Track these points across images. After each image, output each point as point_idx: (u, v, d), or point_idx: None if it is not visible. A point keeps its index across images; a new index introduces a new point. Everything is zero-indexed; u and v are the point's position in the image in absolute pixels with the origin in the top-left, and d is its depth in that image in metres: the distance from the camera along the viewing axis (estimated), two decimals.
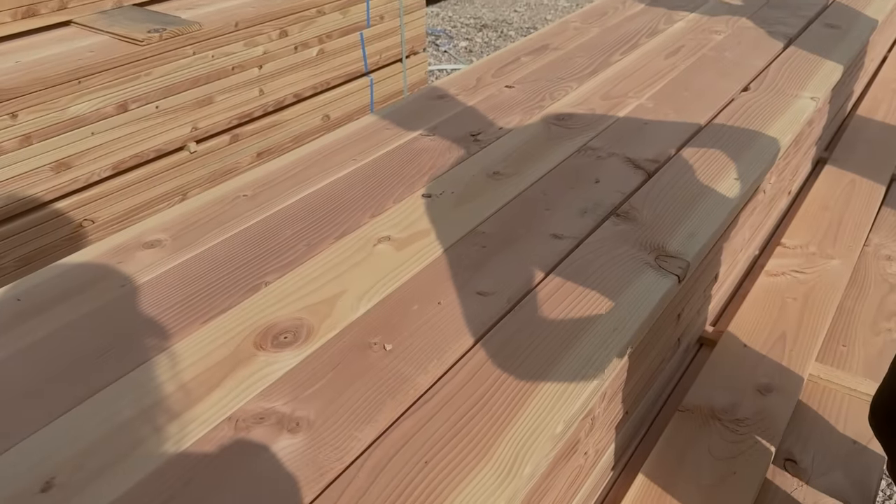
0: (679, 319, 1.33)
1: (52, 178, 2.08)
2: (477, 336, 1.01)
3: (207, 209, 1.32)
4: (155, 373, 0.93)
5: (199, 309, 1.06)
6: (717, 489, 1.14)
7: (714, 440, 1.23)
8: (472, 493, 0.77)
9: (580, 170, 1.46)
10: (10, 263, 2.05)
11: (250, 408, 0.88)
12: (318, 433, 0.84)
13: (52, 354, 0.96)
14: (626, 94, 1.81)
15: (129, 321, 1.03)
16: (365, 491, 0.77)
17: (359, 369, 0.94)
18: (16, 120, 1.95)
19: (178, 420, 0.86)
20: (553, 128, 1.64)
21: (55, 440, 0.83)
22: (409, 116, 1.69)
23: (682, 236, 1.23)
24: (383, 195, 1.36)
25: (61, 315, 1.04)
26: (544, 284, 1.12)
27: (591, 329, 1.02)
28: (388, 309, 1.06)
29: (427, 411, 0.88)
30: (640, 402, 1.28)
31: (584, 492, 1.11)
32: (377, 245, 1.21)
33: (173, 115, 2.37)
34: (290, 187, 1.39)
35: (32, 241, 2.08)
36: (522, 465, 0.80)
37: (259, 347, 0.98)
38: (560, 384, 0.92)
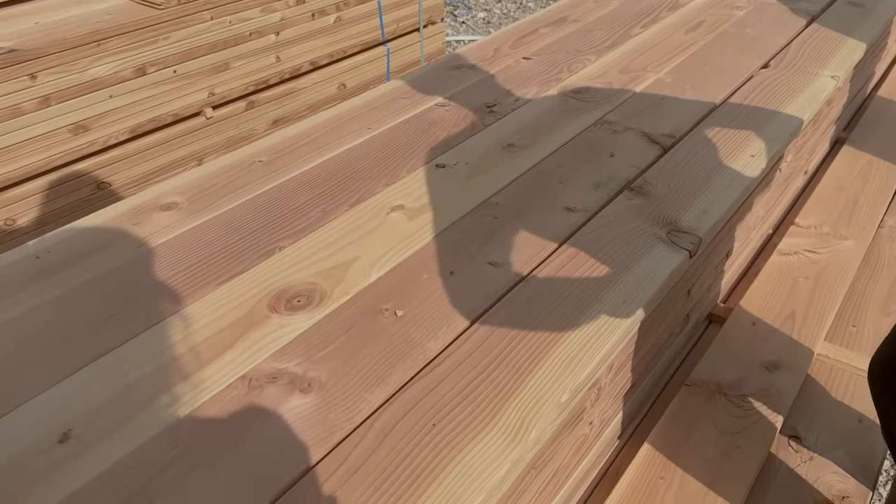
0: (689, 295, 1.33)
1: (69, 140, 2.10)
2: (487, 305, 1.02)
3: (223, 173, 1.33)
4: (171, 331, 0.95)
5: (214, 271, 1.07)
6: (721, 462, 1.16)
7: (719, 414, 1.24)
8: (478, 455, 0.79)
9: (595, 143, 1.46)
10: (29, 224, 2.07)
11: (263, 368, 0.90)
12: (329, 394, 0.86)
13: (70, 311, 0.98)
14: (645, 69, 1.79)
15: (145, 281, 1.05)
16: (373, 450, 0.79)
17: (370, 334, 0.96)
18: (35, 81, 1.96)
19: (192, 377, 0.88)
20: (569, 100, 1.64)
21: (73, 394, 0.85)
22: (425, 86, 1.69)
23: (696, 212, 1.23)
24: (397, 164, 1.37)
25: (79, 273, 1.06)
26: (555, 256, 1.12)
27: (601, 301, 1.02)
28: (399, 276, 1.07)
29: (436, 376, 0.89)
30: (648, 375, 1.29)
31: (588, 459, 1.13)
32: (390, 213, 1.21)
33: (190, 80, 2.38)
34: (305, 154, 1.40)
35: (50, 202, 2.11)
36: (528, 431, 0.82)
37: (273, 310, 1.00)
38: (567, 354, 0.93)
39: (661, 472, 1.14)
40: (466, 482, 0.76)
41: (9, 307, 0.99)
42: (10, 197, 2.02)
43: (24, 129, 1.98)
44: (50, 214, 2.11)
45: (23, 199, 2.05)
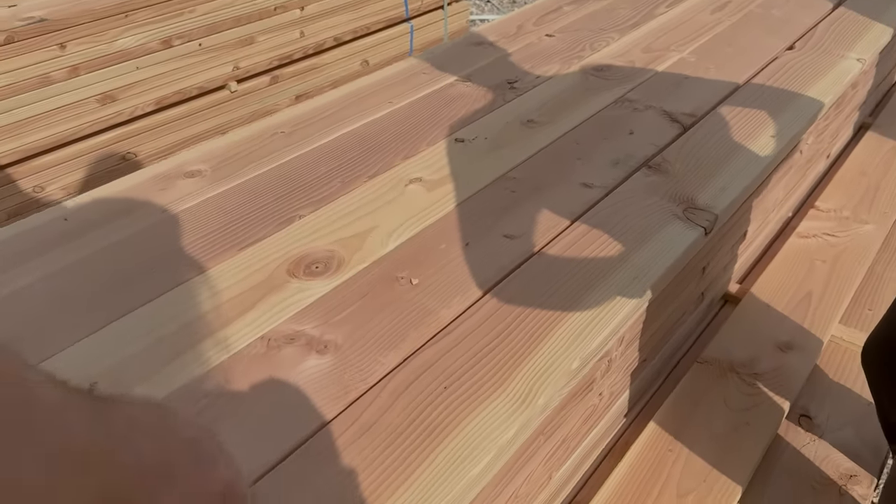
0: (704, 273, 1.34)
1: (97, 109, 2.13)
2: (501, 276, 1.03)
3: (246, 143, 1.36)
4: (194, 292, 0.98)
5: (236, 236, 1.10)
6: (729, 438, 1.17)
7: (730, 392, 1.25)
8: (487, 417, 0.81)
9: (615, 121, 1.47)
10: (56, 191, 2.12)
11: (282, 329, 0.92)
12: (344, 355, 0.89)
13: (96, 271, 1.01)
14: (668, 48, 1.79)
15: (169, 244, 1.07)
16: (386, 409, 0.81)
17: (385, 300, 0.98)
18: (64, 51, 1.99)
19: (214, 336, 0.90)
20: (591, 78, 1.64)
21: (98, 349, 0.88)
22: (446, 62, 1.70)
23: (713, 190, 1.24)
24: (417, 138, 1.38)
25: (106, 235, 1.09)
26: (570, 230, 1.14)
27: (614, 274, 1.04)
28: (416, 246, 1.09)
29: (448, 342, 0.91)
30: (660, 352, 1.31)
31: (597, 431, 1.15)
32: (409, 185, 1.23)
33: (216, 54, 2.40)
34: (326, 126, 1.42)
35: (78, 170, 2.15)
36: (536, 397, 0.84)
37: (292, 275, 1.02)
38: (579, 324, 0.94)
39: (670, 445, 1.16)
40: (476, 441, 0.78)
41: (37, 267, 1.02)
42: (40, 164, 2.06)
43: (53, 98, 2.02)
44: (77, 182, 2.16)
45: (51, 166, 2.09)
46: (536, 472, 0.98)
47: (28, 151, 2.03)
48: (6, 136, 1.97)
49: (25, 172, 2.05)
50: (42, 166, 2.07)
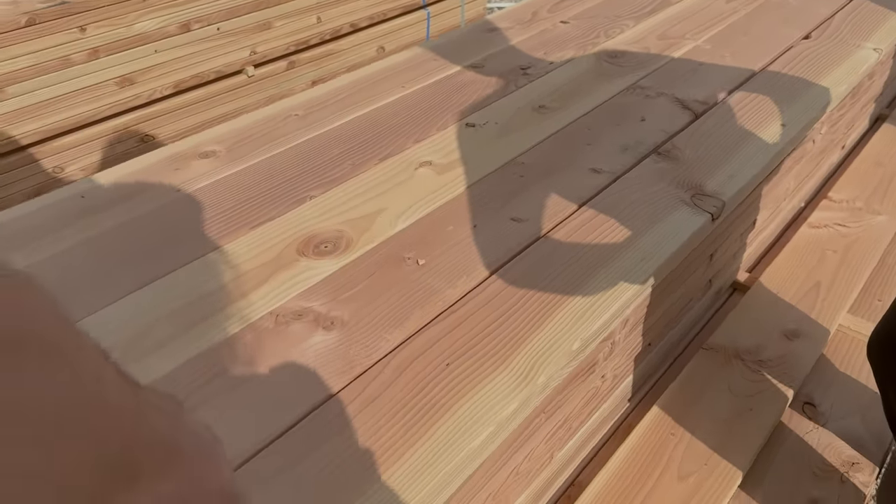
0: (711, 260, 1.35)
1: (116, 92, 2.17)
2: (507, 258, 1.05)
3: (260, 125, 1.38)
4: (206, 268, 1.00)
5: (247, 215, 1.12)
6: (732, 423, 1.18)
7: (734, 378, 1.26)
8: (488, 394, 0.82)
9: (627, 107, 1.47)
10: (76, 172, 2.16)
11: (290, 305, 0.94)
12: (350, 332, 0.91)
13: (112, 246, 1.04)
14: (684, 36, 1.78)
15: (183, 222, 1.10)
16: (389, 384, 0.83)
17: (392, 280, 1.00)
18: (84, 33, 2.02)
19: (225, 310, 0.93)
20: (604, 65, 1.64)
21: (113, 320, 0.91)
22: (460, 48, 1.71)
23: (722, 177, 1.24)
24: (428, 122, 1.40)
25: (122, 213, 1.11)
26: (577, 214, 1.15)
27: (619, 258, 1.05)
28: (424, 228, 1.10)
29: (453, 321, 0.93)
30: (665, 338, 1.32)
31: (600, 413, 1.16)
32: (419, 168, 1.25)
33: (233, 38, 2.43)
34: (338, 110, 1.43)
35: (97, 151, 2.19)
36: (537, 375, 0.85)
37: (301, 254, 1.04)
38: (582, 306, 0.96)
39: (672, 429, 1.17)
40: (477, 415, 0.80)
41: (54, 242, 1.05)
42: (60, 145, 2.10)
43: (73, 80, 2.05)
44: (96, 164, 2.19)
45: (71, 147, 2.13)
46: (538, 450, 1.00)
47: (49, 132, 2.07)
48: (28, 117, 2.01)
49: (46, 153, 2.08)
50: (62, 147, 2.11)
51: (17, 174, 2.04)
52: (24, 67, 1.96)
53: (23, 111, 2.00)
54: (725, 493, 1.08)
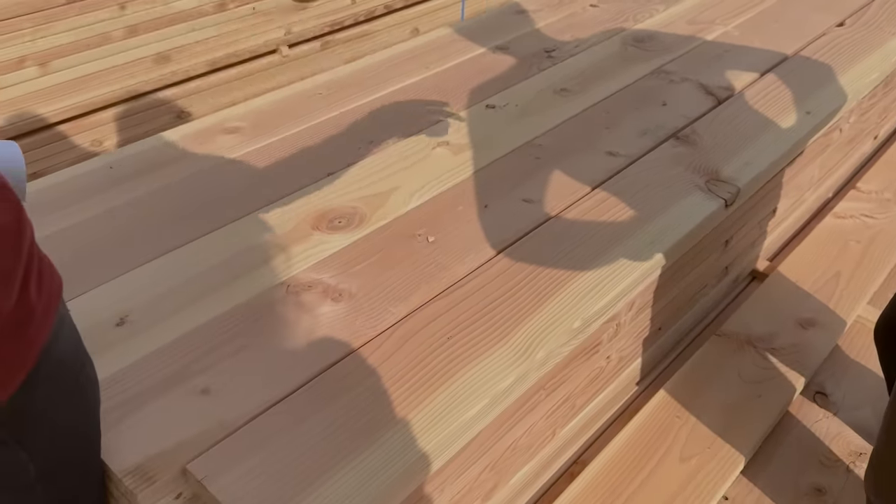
0: (727, 247, 1.34)
1: (153, 69, 2.22)
2: (516, 237, 1.06)
3: (285, 103, 1.41)
4: (224, 238, 1.04)
5: (267, 190, 1.16)
6: (739, 408, 1.19)
7: (745, 364, 1.26)
8: (487, 367, 0.85)
9: (649, 92, 1.47)
10: (112, 146, 2.22)
11: (301, 277, 0.98)
12: (357, 304, 0.93)
13: (136, 215, 1.09)
14: (713, 21, 1.77)
15: (204, 194, 1.14)
16: (391, 354, 0.86)
17: (401, 255, 1.02)
18: (124, 11, 2.08)
19: (240, 279, 0.96)
20: (630, 49, 1.64)
21: (133, 285, 0.95)
22: (486, 30, 1.72)
23: (738, 163, 1.24)
24: (449, 103, 1.41)
25: (147, 184, 1.16)
26: (590, 196, 1.16)
27: (628, 240, 1.06)
28: (436, 206, 1.13)
29: (457, 296, 0.95)
30: (677, 323, 1.32)
31: (605, 394, 1.18)
32: (436, 148, 1.27)
33: (269, 18, 2.46)
34: (362, 89, 1.46)
35: (133, 127, 2.25)
36: (536, 351, 0.87)
37: (315, 228, 1.07)
38: (586, 285, 0.97)
39: (678, 412, 1.18)
40: (473, 387, 0.82)
41: (82, 210, 1.10)
42: (97, 120, 2.16)
43: (112, 57, 2.11)
44: (132, 139, 2.25)
45: (108, 122, 2.19)
46: (538, 426, 1.02)
47: (87, 107, 2.13)
48: (67, 92, 2.07)
49: (84, 127, 2.15)
50: (99, 122, 2.17)
51: (58, 146, 2.11)
52: (66, 43, 2.02)
53: (64, 86, 2.06)
54: (727, 477, 1.09)
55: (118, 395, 0.79)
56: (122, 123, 2.21)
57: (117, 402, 0.78)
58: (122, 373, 0.82)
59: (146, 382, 0.81)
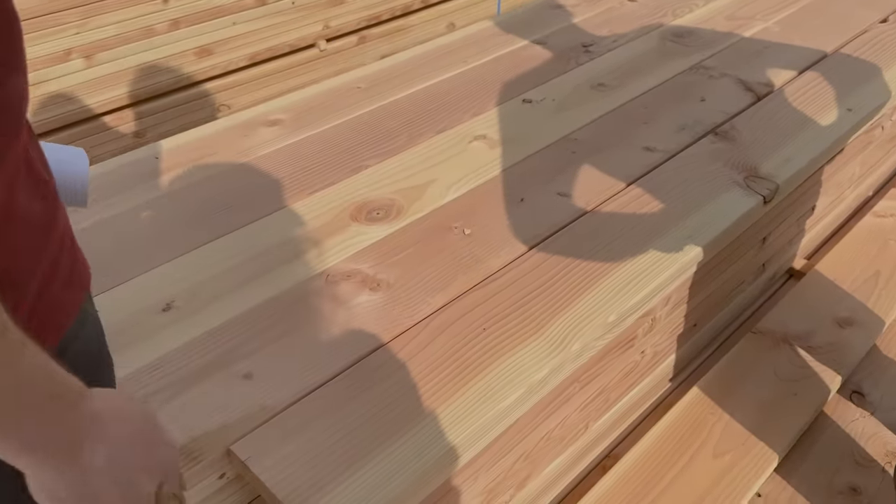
0: (764, 244, 1.34)
1: (194, 62, 2.26)
2: (551, 231, 1.07)
3: (325, 96, 1.43)
4: (266, 229, 1.07)
5: (307, 181, 1.18)
6: (774, 406, 1.18)
7: (781, 362, 1.25)
8: (522, 358, 0.86)
9: (688, 87, 1.46)
10: (155, 137, 2.27)
11: (340, 267, 1.00)
12: (394, 294, 0.95)
13: (180, 205, 1.12)
14: (754, 17, 1.75)
15: (247, 185, 1.17)
16: (427, 344, 0.88)
17: (438, 247, 1.04)
18: (167, 5, 2.12)
19: (280, 268, 0.99)
20: (669, 44, 1.63)
21: (177, 273, 0.98)
22: (524, 24, 1.72)
23: (778, 160, 1.23)
24: (485, 97, 1.42)
25: (190, 174, 1.19)
26: (627, 191, 1.16)
27: (664, 236, 1.06)
28: (472, 199, 1.14)
29: (493, 288, 0.96)
30: (712, 319, 1.32)
31: (639, 389, 1.18)
32: (472, 142, 1.28)
33: (307, 12, 2.49)
34: (400, 83, 1.48)
35: (174, 119, 2.29)
36: (571, 343, 0.88)
37: (354, 219, 1.09)
38: (622, 280, 0.98)
39: (712, 409, 1.18)
40: (509, 377, 0.83)
41: (128, 199, 1.13)
42: (140, 111, 2.21)
43: (155, 49, 2.16)
44: (174, 130, 2.30)
45: (150, 114, 2.24)
46: (572, 418, 1.03)
47: (130, 99, 2.18)
48: (112, 84, 2.13)
49: (127, 118, 2.20)
50: (143, 113, 2.22)
51: (103, 136, 2.17)
52: (112, 36, 2.07)
53: (109, 78, 2.11)
54: (760, 474, 1.09)
55: (165, 377, 0.82)
56: (163, 115, 2.26)
57: (164, 384, 0.81)
58: (169, 356, 0.84)
59: (191, 366, 0.83)
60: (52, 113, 2.06)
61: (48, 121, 2.05)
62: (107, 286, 0.95)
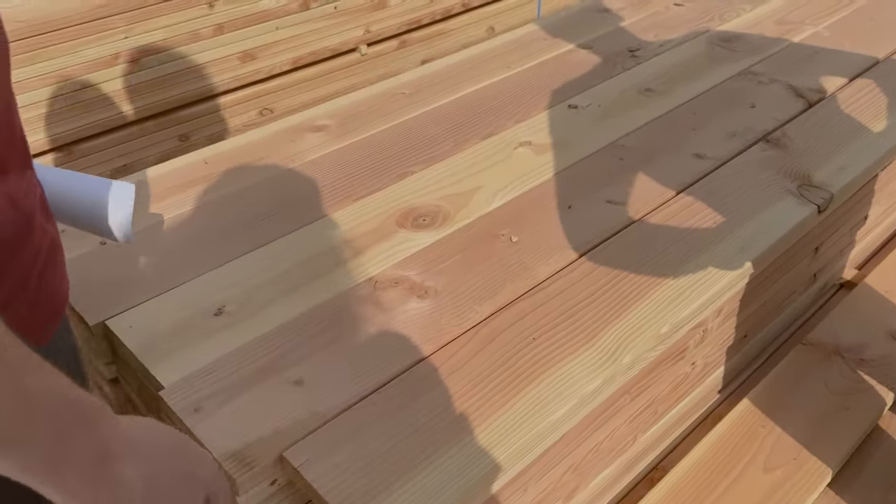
0: (816, 254, 1.31)
1: (238, 67, 2.29)
2: (600, 239, 1.06)
3: (369, 102, 1.44)
4: (313, 234, 1.07)
5: (353, 187, 1.18)
6: (826, 421, 1.15)
7: (832, 375, 1.22)
8: (572, 369, 0.85)
9: (737, 93, 1.44)
10: (200, 141, 2.30)
11: (388, 273, 1.00)
12: (442, 301, 0.95)
13: (230, 209, 1.13)
14: (803, 21, 1.71)
15: (295, 190, 1.17)
16: (476, 353, 0.87)
17: (485, 254, 1.03)
18: (212, 9, 2.15)
19: (328, 274, 0.99)
20: (717, 49, 1.61)
21: (228, 278, 0.99)
22: (568, 28, 1.71)
23: (832, 168, 1.20)
24: (530, 103, 1.41)
25: (240, 179, 1.20)
26: (677, 199, 1.14)
27: (717, 245, 1.04)
28: (519, 206, 1.13)
29: (542, 297, 0.96)
30: (763, 330, 1.29)
31: (688, 401, 1.16)
32: (518, 148, 1.27)
33: (350, 17, 2.50)
34: (444, 89, 1.47)
35: (218, 122, 2.32)
36: (623, 355, 0.87)
37: (400, 226, 1.09)
38: (674, 290, 0.96)
39: (762, 422, 1.15)
40: (559, 389, 0.82)
41: (180, 202, 1.15)
42: (185, 115, 2.25)
43: (201, 54, 2.19)
44: (217, 134, 2.33)
45: (195, 118, 2.27)
46: (620, 430, 1.01)
47: (176, 102, 2.21)
48: (159, 87, 2.16)
49: (171, 122, 2.23)
50: (187, 117, 2.25)
51: (146, 140, 2.20)
52: (158, 40, 2.10)
53: (155, 81, 2.14)
54: (813, 490, 1.06)
55: (218, 381, 0.82)
56: (207, 119, 2.29)
57: (216, 389, 0.81)
58: (222, 360, 0.85)
59: (243, 371, 0.84)
60: (97, 117, 2.10)
61: (93, 125, 2.09)
62: (159, 290, 0.96)
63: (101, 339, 0.92)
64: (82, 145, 2.11)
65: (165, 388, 0.81)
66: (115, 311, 0.93)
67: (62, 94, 2.00)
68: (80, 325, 0.95)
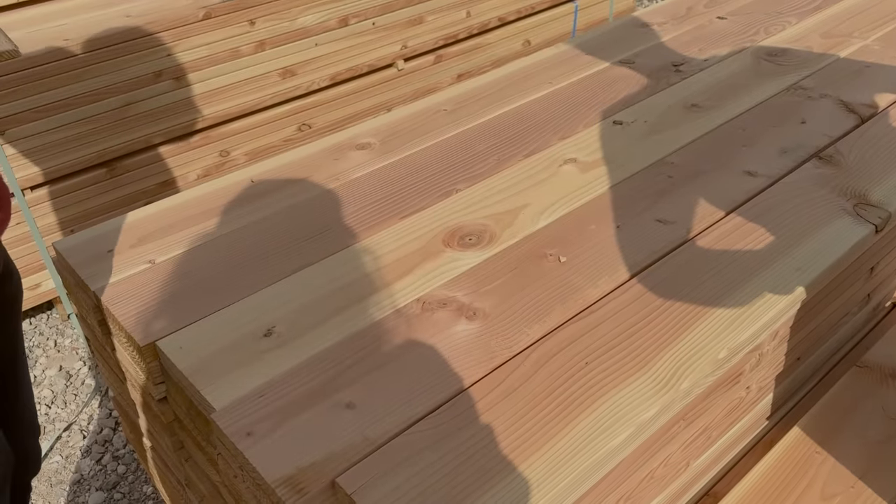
0: (872, 274, 1.27)
1: (278, 83, 2.31)
2: (651, 260, 1.04)
3: (412, 119, 1.43)
4: (359, 254, 1.06)
5: (398, 206, 1.18)
6: (884, 447, 1.11)
7: (890, 398, 1.18)
8: (627, 396, 0.83)
9: (786, 109, 1.41)
10: (240, 156, 2.33)
11: (436, 294, 0.99)
12: (491, 323, 0.94)
13: (277, 228, 1.13)
14: (851, 34, 1.68)
15: (340, 209, 1.17)
16: (528, 378, 0.86)
17: (533, 275, 1.02)
18: (253, 27, 2.18)
19: (376, 294, 0.98)
20: (763, 63, 1.58)
21: (276, 299, 0.99)
22: (609, 43, 1.70)
23: (889, 186, 1.17)
24: (574, 119, 1.40)
25: (286, 198, 1.20)
26: (730, 218, 1.12)
27: (772, 265, 1.01)
28: (566, 225, 1.12)
29: (594, 320, 0.94)
30: (816, 351, 1.26)
31: (742, 425, 1.13)
32: (563, 165, 1.26)
33: (387, 33, 2.52)
34: (486, 105, 1.47)
35: (258, 138, 2.35)
36: (680, 381, 0.85)
37: (447, 245, 1.08)
38: (730, 314, 0.94)
39: (818, 448, 1.12)
40: (615, 416, 0.80)
41: (227, 222, 1.15)
42: (227, 131, 2.27)
43: (241, 71, 2.21)
44: (257, 149, 2.36)
45: (236, 133, 2.29)
46: (674, 457, 0.99)
47: (218, 118, 2.24)
48: (201, 104, 2.19)
49: (214, 137, 2.26)
50: (228, 133, 2.28)
51: (191, 155, 2.23)
52: (200, 58, 2.13)
53: (196, 98, 2.18)
54: None
55: (269, 404, 0.82)
56: (247, 135, 2.32)
57: (268, 412, 0.81)
58: (273, 383, 0.85)
59: (294, 394, 0.83)
60: (140, 133, 2.13)
61: (137, 140, 2.13)
62: (207, 311, 0.97)
63: (151, 359, 0.93)
64: (125, 161, 2.14)
65: (217, 410, 0.81)
66: (165, 332, 0.93)
67: (107, 111, 2.04)
68: (129, 345, 0.95)
